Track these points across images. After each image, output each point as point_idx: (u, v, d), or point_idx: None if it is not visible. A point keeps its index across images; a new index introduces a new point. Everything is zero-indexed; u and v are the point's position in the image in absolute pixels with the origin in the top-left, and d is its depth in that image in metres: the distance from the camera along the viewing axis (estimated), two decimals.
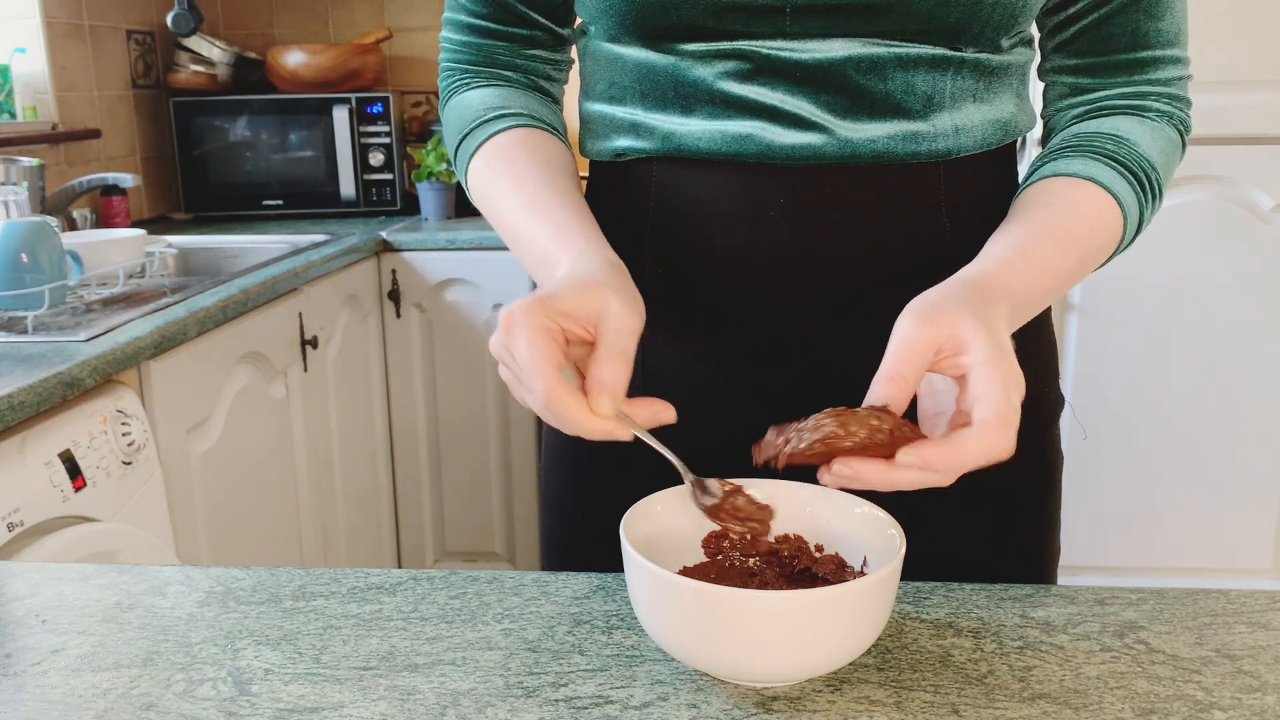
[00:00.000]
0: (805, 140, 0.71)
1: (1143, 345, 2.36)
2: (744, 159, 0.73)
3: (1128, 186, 0.71)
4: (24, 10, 2.32)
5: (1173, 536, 2.45)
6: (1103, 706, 0.54)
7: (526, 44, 0.83)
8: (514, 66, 0.84)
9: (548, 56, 0.85)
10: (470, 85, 0.83)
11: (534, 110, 0.81)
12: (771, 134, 0.72)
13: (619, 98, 0.77)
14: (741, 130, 0.72)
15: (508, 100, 0.81)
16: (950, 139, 0.72)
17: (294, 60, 2.66)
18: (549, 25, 0.83)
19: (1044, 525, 0.84)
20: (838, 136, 0.71)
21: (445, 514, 2.57)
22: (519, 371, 0.59)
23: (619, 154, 0.78)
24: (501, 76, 0.83)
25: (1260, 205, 2.28)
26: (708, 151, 0.73)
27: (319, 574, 0.70)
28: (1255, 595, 0.66)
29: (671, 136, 0.74)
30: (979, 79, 0.73)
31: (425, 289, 2.43)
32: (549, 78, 0.86)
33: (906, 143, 0.72)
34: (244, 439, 1.79)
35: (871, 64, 0.70)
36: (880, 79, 0.70)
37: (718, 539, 0.64)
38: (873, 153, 0.71)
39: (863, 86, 0.70)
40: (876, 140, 0.71)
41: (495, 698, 0.55)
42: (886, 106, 0.71)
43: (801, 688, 0.56)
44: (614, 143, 0.78)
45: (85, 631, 0.63)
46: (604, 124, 0.79)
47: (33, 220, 1.61)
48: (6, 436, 1.24)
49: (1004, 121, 0.75)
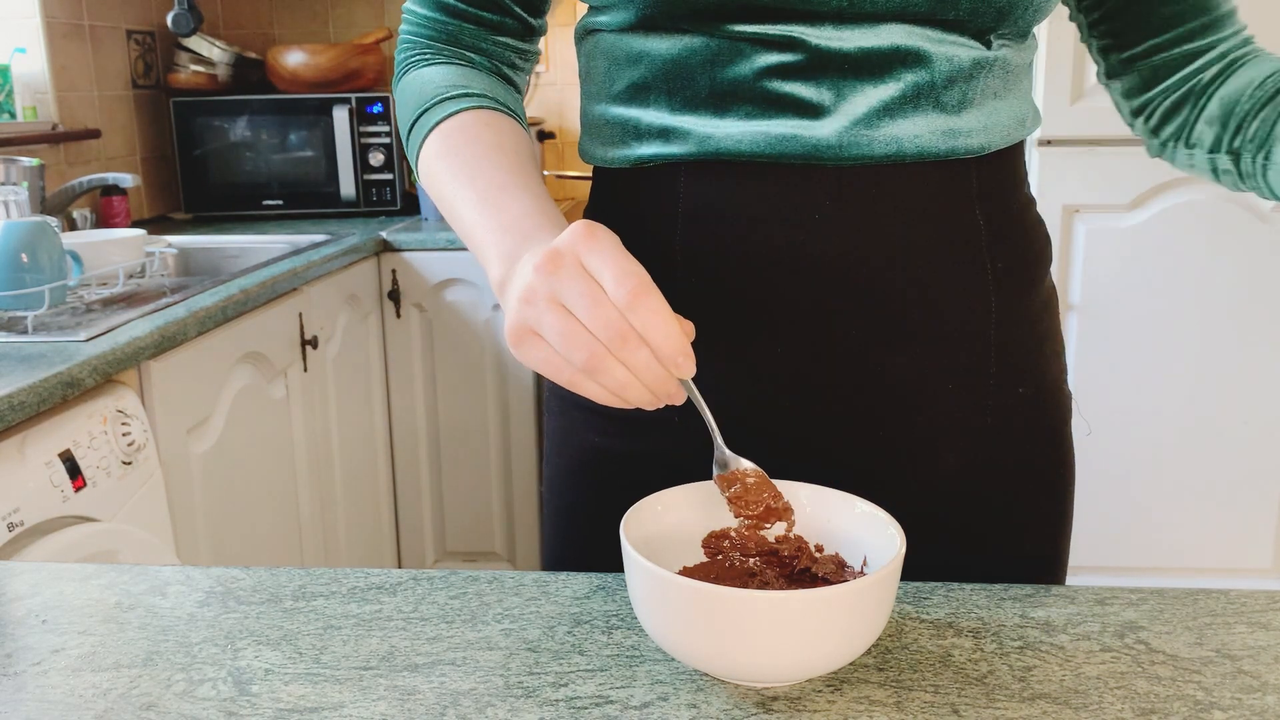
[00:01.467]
0: (853, 138, 0.70)
1: (1143, 345, 2.36)
2: (788, 160, 0.70)
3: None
4: (24, 10, 2.32)
5: (1173, 536, 2.45)
6: (1103, 706, 0.54)
7: (495, 29, 0.80)
8: (478, 49, 0.81)
9: (515, 45, 0.82)
10: (430, 61, 0.80)
11: (496, 93, 0.77)
12: (816, 131, 0.70)
13: (642, 98, 0.74)
14: (784, 130, 0.70)
15: (469, 80, 0.77)
16: (981, 135, 0.72)
17: (294, 60, 2.66)
18: (521, 14, 0.80)
19: (1057, 538, 0.82)
20: (883, 132, 0.70)
21: (445, 514, 2.57)
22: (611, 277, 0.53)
23: (642, 161, 0.75)
24: (464, 57, 0.80)
25: (1260, 205, 2.28)
26: (748, 154, 0.71)
27: (319, 574, 0.70)
28: (1255, 595, 0.66)
29: (708, 140, 0.71)
30: (1003, 77, 0.73)
31: (425, 289, 2.43)
32: (513, 65, 0.83)
33: (946, 139, 0.71)
34: (244, 439, 1.79)
35: (916, 56, 0.69)
36: (928, 71, 0.69)
37: (718, 539, 0.64)
38: (917, 149, 0.70)
39: (910, 80, 0.69)
40: (920, 136, 0.70)
41: (495, 698, 0.55)
42: (929, 101, 0.70)
43: (801, 688, 0.56)
44: (636, 150, 0.75)
45: (85, 631, 0.63)
46: (624, 129, 0.75)
47: (33, 220, 1.61)
48: (6, 436, 1.24)
49: (1021, 118, 0.76)
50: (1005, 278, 0.75)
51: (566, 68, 2.95)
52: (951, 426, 0.75)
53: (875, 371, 0.73)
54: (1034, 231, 0.79)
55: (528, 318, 0.56)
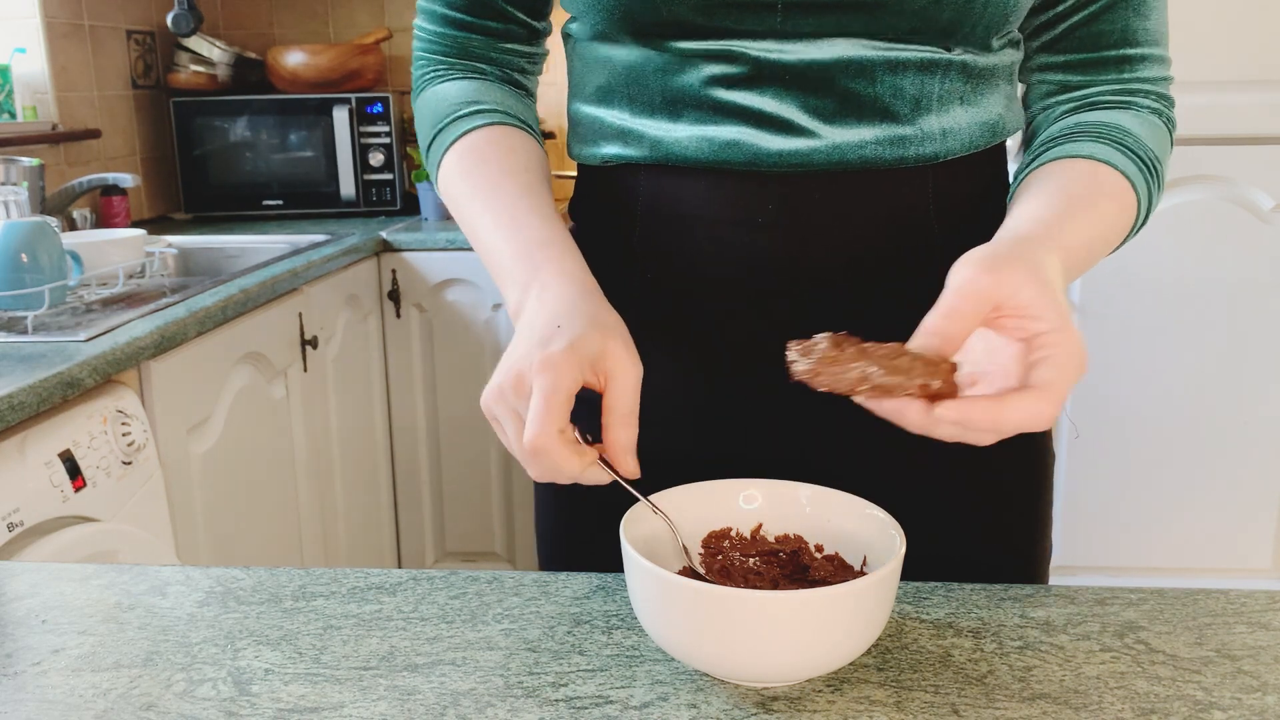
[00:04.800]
0: (794, 146, 0.71)
1: (1143, 345, 2.36)
2: (732, 166, 0.72)
3: (1138, 172, 0.71)
4: (24, 10, 2.32)
5: (1173, 536, 2.45)
6: (1103, 706, 0.54)
7: (501, 37, 0.83)
8: (488, 59, 0.83)
9: (522, 50, 0.85)
10: (445, 77, 0.82)
11: (508, 106, 0.80)
12: (759, 140, 0.71)
13: (607, 101, 0.77)
14: (729, 136, 0.72)
15: (482, 95, 0.80)
16: (938, 142, 0.72)
17: (294, 60, 2.66)
18: (524, 19, 0.83)
19: (1039, 523, 0.84)
20: (826, 142, 0.71)
21: (445, 514, 2.57)
22: (530, 420, 0.59)
23: (606, 160, 0.78)
24: (476, 69, 0.83)
25: (1260, 205, 2.28)
26: (694, 159, 0.73)
27: (319, 574, 0.70)
28: (1255, 595, 0.66)
29: (660, 144, 0.74)
30: (967, 81, 0.73)
31: (425, 289, 2.43)
32: (523, 70, 0.85)
33: (894, 147, 0.71)
34: (244, 439, 1.79)
35: (860, 67, 0.70)
36: (869, 82, 0.70)
37: (718, 539, 0.64)
38: (860, 158, 0.71)
39: (851, 90, 0.70)
40: (865, 145, 0.71)
41: (495, 698, 0.55)
42: (874, 110, 0.71)
43: (801, 688, 0.56)
44: (602, 149, 0.78)
45: (85, 631, 0.63)
46: (593, 128, 0.79)
47: (33, 220, 1.61)
48: (6, 436, 1.24)
49: (992, 123, 0.75)
50: None
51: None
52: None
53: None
54: None
55: (493, 410, 0.63)
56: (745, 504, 0.65)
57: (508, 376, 0.62)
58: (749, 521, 0.65)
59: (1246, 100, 2.23)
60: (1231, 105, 2.23)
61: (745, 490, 0.65)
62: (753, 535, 0.64)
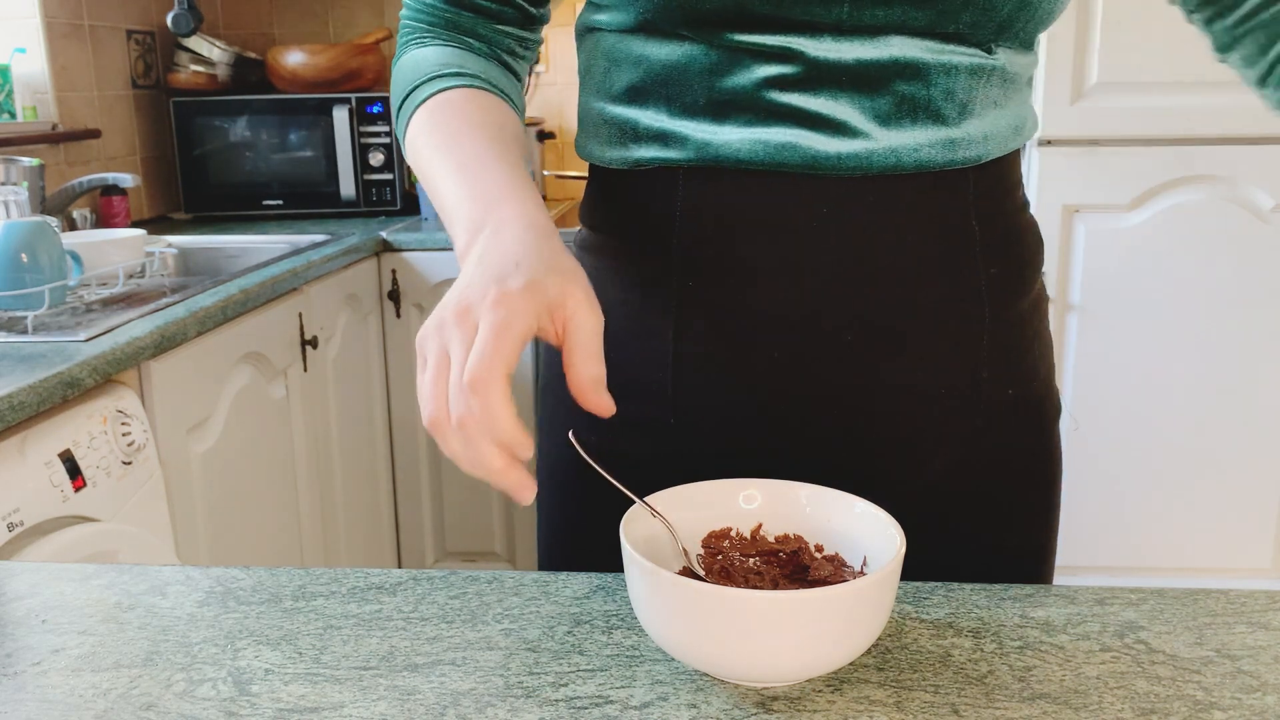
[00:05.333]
0: (851, 148, 0.70)
1: (1143, 345, 2.36)
2: (787, 169, 0.71)
3: None
4: (24, 10, 2.32)
5: (1173, 536, 2.45)
6: (1103, 706, 0.54)
7: (495, 18, 0.80)
8: (478, 35, 0.80)
9: (515, 33, 0.81)
10: (427, 44, 0.79)
11: (491, 76, 0.76)
12: (814, 142, 0.70)
13: (640, 101, 0.74)
14: (783, 139, 0.70)
15: (464, 62, 0.76)
16: (979, 145, 0.73)
17: (294, 60, 2.66)
18: (521, 3, 0.80)
19: (1046, 530, 0.83)
20: (882, 144, 0.70)
21: (445, 514, 2.57)
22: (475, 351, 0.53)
23: (640, 163, 0.75)
24: (462, 41, 0.79)
25: (1260, 205, 2.28)
26: (747, 161, 0.71)
27: (319, 574, 0.70)
28: (1255, 595, 0.66)
29: (707, 146, 0.71)
30: (1003, 85, 0.73)
31: (425, 289, 2.43)
32: (513, 52, 0.82)
33: (945, 150, 0.71)
34: (244, 439, 1.79)
35: (915, 69, 0.69)
36: (924, 85, 0.70)
37: (718, 539, 0.64)
38: (916, 161, 0.71)
39: (906, 93, 0.70)
40: (920, 148, 0.71)
41: (495, 698, 0.55)
42: (927, 113, 0.70)
43: (801, 688, 0.56)
44: (634, 152, 0.75)
45: (85, 631, 0.63)
46: (622, 130, 0.75)
47: (33, 220, 1.61)
48: (6, 436, 1.24)
49: (1019, 126, 0.76)
50: (998, 284, 0.76)
51: (567, 68, 2.95)
52: (943, 429, 0.76)
53: (868, 376, 0.74)
54: (1028, 236, 0.79)
55: (425, 346, 0.56)
56: (745, 504, 0.65)
57: (452, 310, 0.55)
58: (749, 521, 0.65)
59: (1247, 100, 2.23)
60: (1231, 105, 2.23)
61: (745, 490, 0.65)
62: (753, 535, 0.64)
